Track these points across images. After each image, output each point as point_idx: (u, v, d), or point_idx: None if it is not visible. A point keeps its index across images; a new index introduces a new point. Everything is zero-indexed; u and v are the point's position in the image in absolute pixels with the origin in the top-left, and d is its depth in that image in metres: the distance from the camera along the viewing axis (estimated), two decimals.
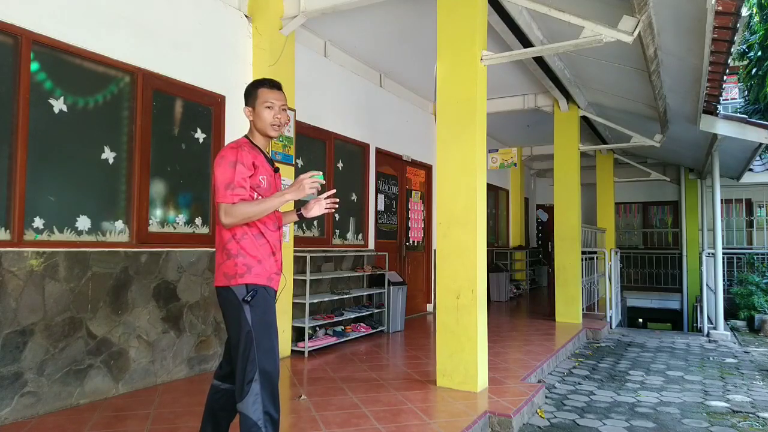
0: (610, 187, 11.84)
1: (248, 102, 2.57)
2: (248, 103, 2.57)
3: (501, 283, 10.92)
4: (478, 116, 4.31)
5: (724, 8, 3.85)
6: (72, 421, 3.45)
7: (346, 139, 6.97)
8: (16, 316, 3.43)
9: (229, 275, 2.38)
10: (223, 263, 2.41)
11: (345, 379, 4.57)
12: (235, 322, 2.36)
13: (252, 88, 2.57)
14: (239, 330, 2.34)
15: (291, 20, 5.18)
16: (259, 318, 2.35)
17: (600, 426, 3.96)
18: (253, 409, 2.26)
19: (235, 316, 2.36)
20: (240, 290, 2.36)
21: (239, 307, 2.35)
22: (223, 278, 2.40)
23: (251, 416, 2.26)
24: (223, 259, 2.41)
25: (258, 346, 2.32)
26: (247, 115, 2.57)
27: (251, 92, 2.57)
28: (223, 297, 2.41)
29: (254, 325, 2.34)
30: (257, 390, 2.28)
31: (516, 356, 5.59)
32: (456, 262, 4.30)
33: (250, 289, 2.36)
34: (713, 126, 6.83)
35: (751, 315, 8.96)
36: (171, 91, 4.58)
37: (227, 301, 2.39)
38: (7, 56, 3.50)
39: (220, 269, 2.42)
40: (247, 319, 2.33)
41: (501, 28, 5.43)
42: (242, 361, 2.31)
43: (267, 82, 2.57)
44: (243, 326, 2.33)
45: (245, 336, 2.32)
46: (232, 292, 2.36)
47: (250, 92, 2.58)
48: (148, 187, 4.34)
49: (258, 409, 2.27)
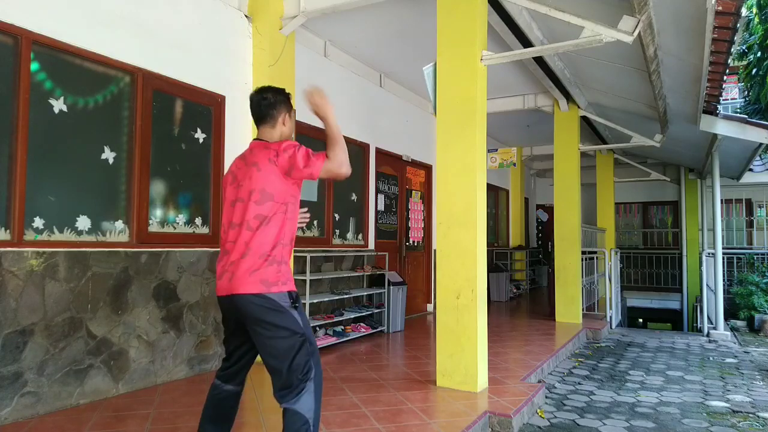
0: (610, 187, 11.84)
1: (285, 107, 2.57)
2: (285, 108, 2.57)
3: (501, 283, 10.92)
4: (478, 116, 4.31)
5: (724, 8, 3.85)
6: (72, 421, 3.45)
7: (346, 139, 6.94)
8: (16, 316, 3.43)
9: (269, 282, 2.32)
10: (262, 269, 2.32)
11: (345, 379, 4.57)
12: (284, 328, 2.33)
13: (287, 97, 2.59)
14: (291, 335, 2.34)
15: (291, 20, 5.17)
16: (305, 321, 2.42)
17: (600, 426, 3.96)
18: (306, 407, 2.31)
19: (284, 322, 2.33)
20: (282, 297, 2.34)
21: (287, 314, 2.34)
22: (261, 285, 2.31)
23: (304, 414, 2.30)
24: (261, 265, 2.32)
25: (310, 347, 2.39)
26: (281, 121, 2.55)
27: (287, 101, 2.59)
28: (258, 305, 2.31)
29: (305, 328, 2.39)
30: (312, 388, 2.34)
31: (516, 356, 5.59)
32: (456, 262, 4.30)
33: (293, 296, 2.38)
34: (713, 126, 6.83)
35: (751, 315, 8.96)
36: (171, 91, 4.58)
37: (265, 308, 2.31)
38: (7, 56, 3.50)
39: (255, 275, 2.31)
40: (299, 323, 2.37)
41: (501, 28, 5.43)
42: (295, 362, 2.32)
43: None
44: (296, 330, 2.35)
45: (299, 340, 2.34)
46: (272, 300, 2.32)
47: (286, 99, 2.59)
48: (148, 187, 4.34)
49: (311, 407, 2.32)
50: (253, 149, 2.49)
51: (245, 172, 2.43)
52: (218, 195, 4.94)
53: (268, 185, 2.36)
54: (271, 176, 2.37)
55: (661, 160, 12.27)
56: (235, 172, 2.51)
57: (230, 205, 2.47)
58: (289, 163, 2.35)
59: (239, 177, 2.46)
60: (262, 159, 2.39)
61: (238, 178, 2.47)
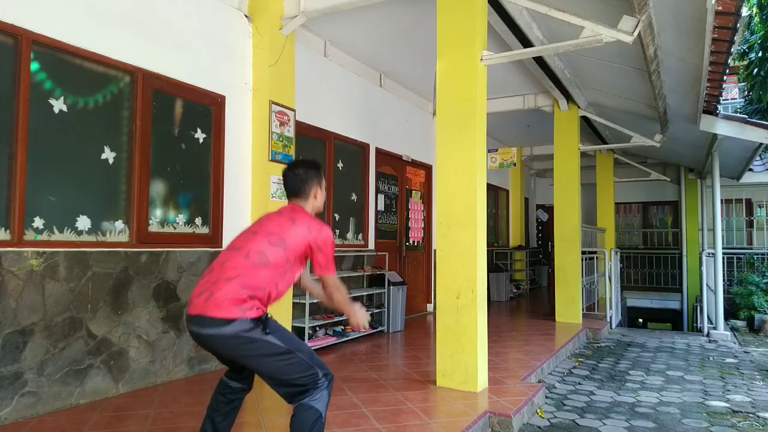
0: (610, 187, 11.84)
1: (316, 181, 2.64)
2: (317, 182, 2.64)
3: (501, 283, 10.92)
4: (478, 116, 4.31)
5: (724, 8, 3.86)
6: (72, 421, 3.45)
7: (346, 139, 6.96)
8: (16, 316, 3.43)
9: (244, 308, 2.29)
10: (239, 299, 2.29)
11: (345, 379, 4.57)
12: (265, 355, 2.36)
13: (318, 170, 2.67)
14: (275, 355, 2.36)
15: (291, 20, 5.18)
16: (286, 338, 2.43)
17: (600, 426, 3.96)
18: (321, 402, 2.35)
19: (263, 350, 2.35)
20: (246, 324, 2.31)
21: (262, 341, 2.35)
22: (234, 309, 2.28)
23: (319, 408, 2.33)
24: (240, 295, 2.29)
25: (304, 354, 2.42)
26: (313, 195, 2.63)
27: (318, 174, 2.67)
28: (230, 343, 2.31)
29: (289, 344, 2.41)
30: (326, 385, 2.39)
31: (516, 356, 5.59)
32: (456, 262, 4.30)
33: (261, 321, 2.34)
34: (713, 126, 6.83)
35: (751, 315, 8.95)
36: (171, 91, 4.57)
37: (236, 344, 2.32)
38: (7, 56, 3.50)
39: (232, 301, 2.27)
40: (278, 344, 2.38)
41: (501, 28, 5.43)
42: (294, 375, 2.34)
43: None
44: (278, 352, 2.37)
45: (286, 357, 2.36)
46: (241, 335, 2.28)
47: (317, 173, 2.67)
48: (148, 187, 4.34)
49: (325, 402, 2.37)
50: (295, 210, 2.56)
51: (277, 220, 2.49)
52: (218, 195, 4.95)
53: (291, 239, 2.41)
54: (299, 238, 2.43)
55: (661, 160, 12.27)
56: (263, 218, 2.57)
57: (243, 235, 2.50)
58: (318, 248, 2.46)
59: (265, 221, 2.52)
60: (303, 220, 2.47)
61: (264, 222, 2.52)
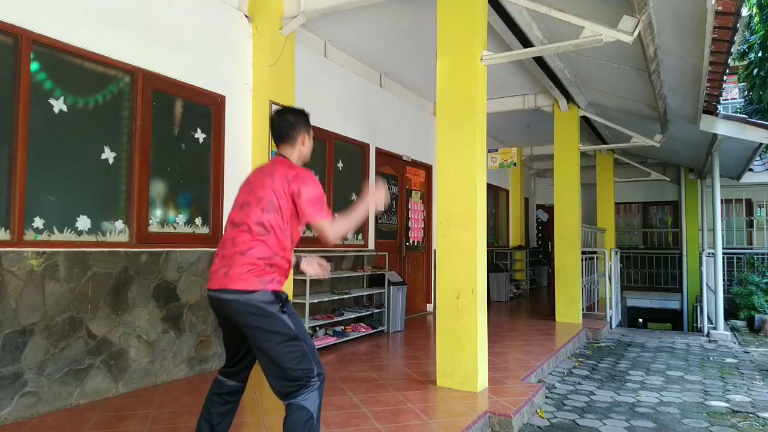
0: (610, 187, 11.84)
1: (305, 128, 2.63)
2: (305, 129, 2.63)
3: (501, 283, 10.92)
4: (478, 116, 4.31)
5: (724, 8, 3.86)
6: (72, 421, 3.45)
7: (346, 139, 6.96)
8: (16, 316, 3.43)
9: (265, 280, 2.36)
10: (257, 269, 2.37)
11: (345, 379, 4.57)
12: (276, 333, 2.37)
13: (306, 118, 2.65)
14: (284, 339, 2.37)
15: (291, 20, 5.18)
16: (297, 323, 2.43)
17: (600, 426, 3.96)
18: (311, 402, 2.34)
19: (275, 326, 2.37)
20: (268, 296, 2.37)
21: (277, 318, 2.37)
22: (255, 282, 2.35)
23: (310, 408, 2.33)
24: (256, 265, 2.37)
25: (307, 346, 2.41)
26: (301, 141, 2.62)
27: (307, 122, 2.64)
28: (246, 311, 2.35)
29: (298, 330, 2.41)
30: (317, 385, 2.38)
31: (516, 356, 5.59)
32: (456, 262, 4.30)
33: (281, 298, 2.38)
34: (713, 126, 6.83)
35: (751, 315, 8.95)
36: (171, 91, 4.57)
37: (253, 315, 2.35)
38: (7, 56, 3.50)
39: (250, 273, 2.35)
40: (290, 326, 2.39)
41: (501, 28, 5.43)
42: (292, 364, 2.34)
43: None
44: (288, 334, 2.38)
45: (293, 342, 2.37)
46: (260, 306, 2.34)
47: (306, 120, 2.65)
48: (148, 187, 4.34)
49: (316, 402, 2.36)
50: (275, 163, 2.56)
51: (261, 180, 2.49)
52: (218, 195, 4.95)
53: (277, 198, 2.42)
54: (281, 194, 2.42)
55: (661, 160, 12.27)
56: (251, 180, 2.58)
57: (238, 207, 2.51)
58: (299, 195, 2.42)
59: (253, 183, 2.52)
60: (279, 173, 2.46)
61: (252, 184, 2.53)
